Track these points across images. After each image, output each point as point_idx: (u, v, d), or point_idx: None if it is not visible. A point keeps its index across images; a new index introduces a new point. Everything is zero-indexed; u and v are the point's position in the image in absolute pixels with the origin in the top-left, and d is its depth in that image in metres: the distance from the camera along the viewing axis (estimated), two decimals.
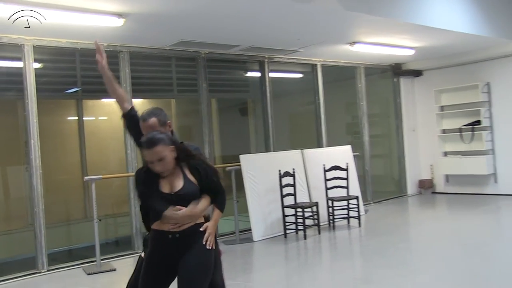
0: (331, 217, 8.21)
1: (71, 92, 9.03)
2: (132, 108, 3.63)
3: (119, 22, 5.84)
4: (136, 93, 7.60)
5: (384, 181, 11.33)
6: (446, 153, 11.11)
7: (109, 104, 9.75)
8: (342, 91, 11.23)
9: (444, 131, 11.06)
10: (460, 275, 5.25)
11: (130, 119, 3.58)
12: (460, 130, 10.61)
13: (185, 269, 2.98)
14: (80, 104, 9.19)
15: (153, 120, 3.32)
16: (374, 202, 10.37)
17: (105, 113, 9.89)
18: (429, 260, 6.01)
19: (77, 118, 9.23)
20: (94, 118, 9.67)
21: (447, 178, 11.24)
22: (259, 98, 9.77)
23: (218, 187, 3.18)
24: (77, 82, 8.84)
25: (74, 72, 8.50)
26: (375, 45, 8.60)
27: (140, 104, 7.87)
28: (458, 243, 6.77)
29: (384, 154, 11.53)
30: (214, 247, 3.09)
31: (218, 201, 3.17)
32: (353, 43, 8.31)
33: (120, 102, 3.63)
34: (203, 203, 3.06)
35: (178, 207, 2.94)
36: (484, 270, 5.48)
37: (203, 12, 5.95)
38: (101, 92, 9.22)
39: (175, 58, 8.07)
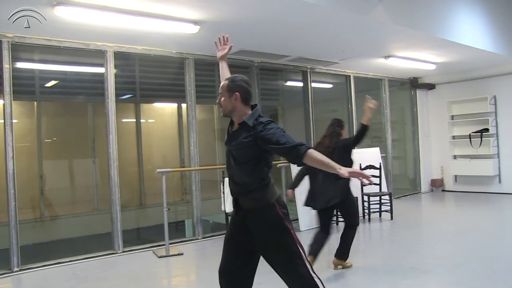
0: (366, 211, 7.67)
1: (127, 98, 8.62)
2: None
3: (195, 29, 5.36)
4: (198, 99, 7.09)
5: (401, 180, 10.79)
6: (455, 156, 10.59)
7: (162, 108, 9.43)
8: (362, 101, 10.71)
9: (454, 137, 10.58)
10: (493, 268, 4.72)
11: None
12: (469, 136, 10.10)
13: None
14: (138, 107, 8.79)
15: (224, 82, 2.78)
16: (394, 198, 9.79)
17: (157, 115, 9.51)
18: (465, 252, 5.42)
19: (135, 120, 8.82)
20: (144, 120, 9.19)
21: (456, 178, 10.71)
22: (288, 106, 9.50)
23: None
24: (135, 88, 8.48)
25: (134, 80, 8.15)
26: (405, 59, 8.07)
27: (199, 109, 7.45)
28: (483, 236, 6.25)
29: (401, 156, 10.98)
30: None
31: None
32: (388, 56, 7.78)
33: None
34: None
35: None
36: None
37: (264, 21, 5.43)
38: (155, 97, 9.00)
39: (232, 66, 7.50)
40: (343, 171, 2.37)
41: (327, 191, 4.60)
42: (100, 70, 6.12)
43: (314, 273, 2.63)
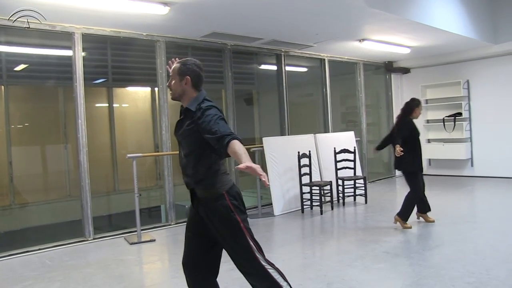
0: (340, 195, 7.67)
1: (100, 82, 8.38)
2: None
3: (164, 11, 5.21)
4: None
5: (375, 164, 10.83)
6: (429, 140, 10.68)
7: (135, 92, 9.22)
8: (337, 85, 10.71)
9: (428, 121, 10.67)
10: (464, 251, 4.77)
11: None
12: (443, 120, 10.18)
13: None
14: (111, 92, 8.57)
15: (175, 65, 2.63)
16: (369, 182, 9.85)
17: (130, 100, 9.31)
18: (437, 235, 5.49)
19: (107, 104, 8.60)
20: (117, 105, 8.96)
21: (430, 161, 10.80)
22: (263, 89, 9.37)
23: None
24: (107, 71, 8.25)
25: (106, 63, 7.92)
26: (380, 42, 8.03)
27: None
28: (455, 219, 6.29)
29: (376, 140, 10.94)
30: None
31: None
32: (362, 40, 7.73)
33: None
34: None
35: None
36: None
37: (236, 2, 5.30)
38: (128, 81, 8.78)
39: (204, 49, 7.33)
40: (242, 165, 2.17)
41: (397, 159, 5.54)
42: (69, 53, 5.91)
43: (270, 264, 2.53)
